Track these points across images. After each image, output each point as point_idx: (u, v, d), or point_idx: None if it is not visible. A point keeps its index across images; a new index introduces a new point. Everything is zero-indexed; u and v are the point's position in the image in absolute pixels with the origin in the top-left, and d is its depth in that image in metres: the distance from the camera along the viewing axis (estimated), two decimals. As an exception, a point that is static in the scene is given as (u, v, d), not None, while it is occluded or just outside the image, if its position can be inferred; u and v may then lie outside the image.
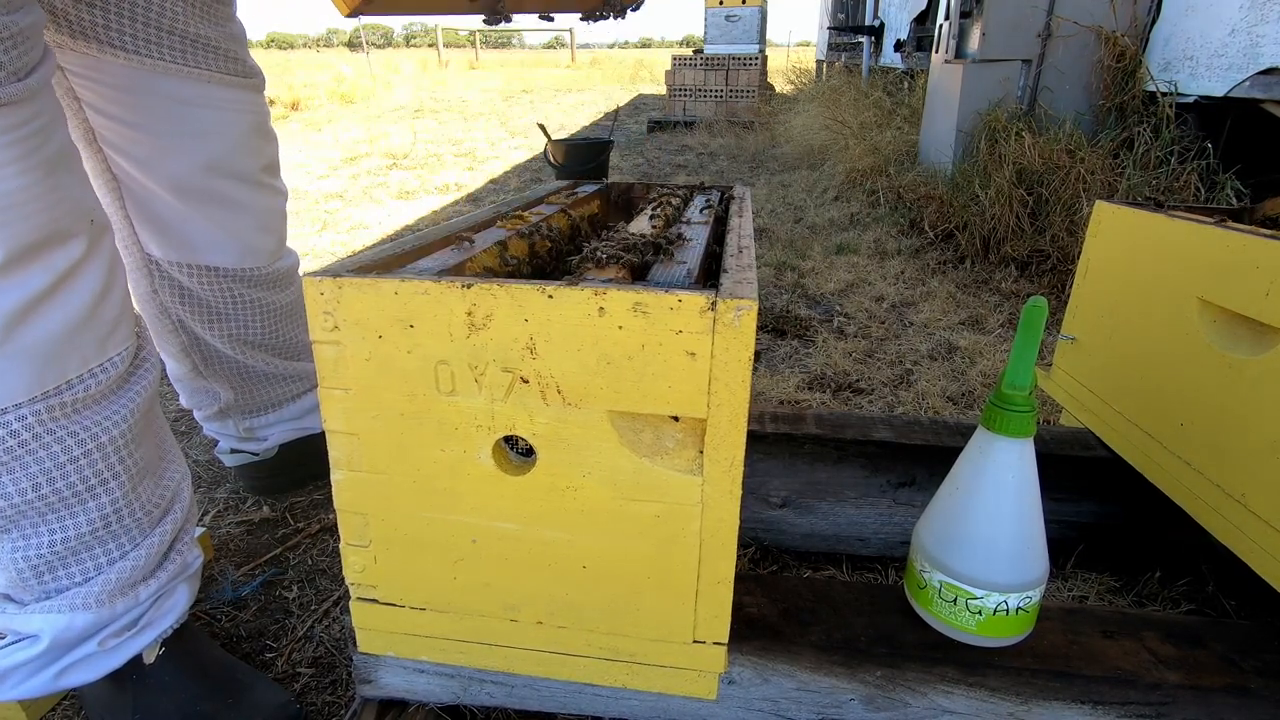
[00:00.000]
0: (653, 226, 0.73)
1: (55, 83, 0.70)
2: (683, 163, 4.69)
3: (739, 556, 0.74)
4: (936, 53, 3.08)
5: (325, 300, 0.49)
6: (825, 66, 7.81)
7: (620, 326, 0.47)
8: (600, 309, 0.46)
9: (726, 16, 6.93)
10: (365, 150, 5.08)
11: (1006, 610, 0.61)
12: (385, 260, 0.54)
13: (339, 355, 0.51)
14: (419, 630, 0.61)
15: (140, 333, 0.73)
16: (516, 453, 0.56)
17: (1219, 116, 2.15)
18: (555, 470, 0.52)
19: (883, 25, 5.60)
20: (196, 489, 1.23)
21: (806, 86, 7.72)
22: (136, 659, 0.73)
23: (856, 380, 1.59)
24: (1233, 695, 0.60)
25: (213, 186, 0.92)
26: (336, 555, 1.05)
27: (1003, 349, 1.72)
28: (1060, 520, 0.96)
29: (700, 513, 0.52)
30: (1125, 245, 0.90)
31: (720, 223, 0.80)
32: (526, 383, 0.49)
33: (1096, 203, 0.96)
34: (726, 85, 6.31)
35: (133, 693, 0.73)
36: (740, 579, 0.62)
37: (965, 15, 2.80)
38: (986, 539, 0.61)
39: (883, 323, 1.93)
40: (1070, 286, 1.02)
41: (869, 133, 3.83)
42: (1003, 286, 2.15)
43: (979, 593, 0.61)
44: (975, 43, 2.71)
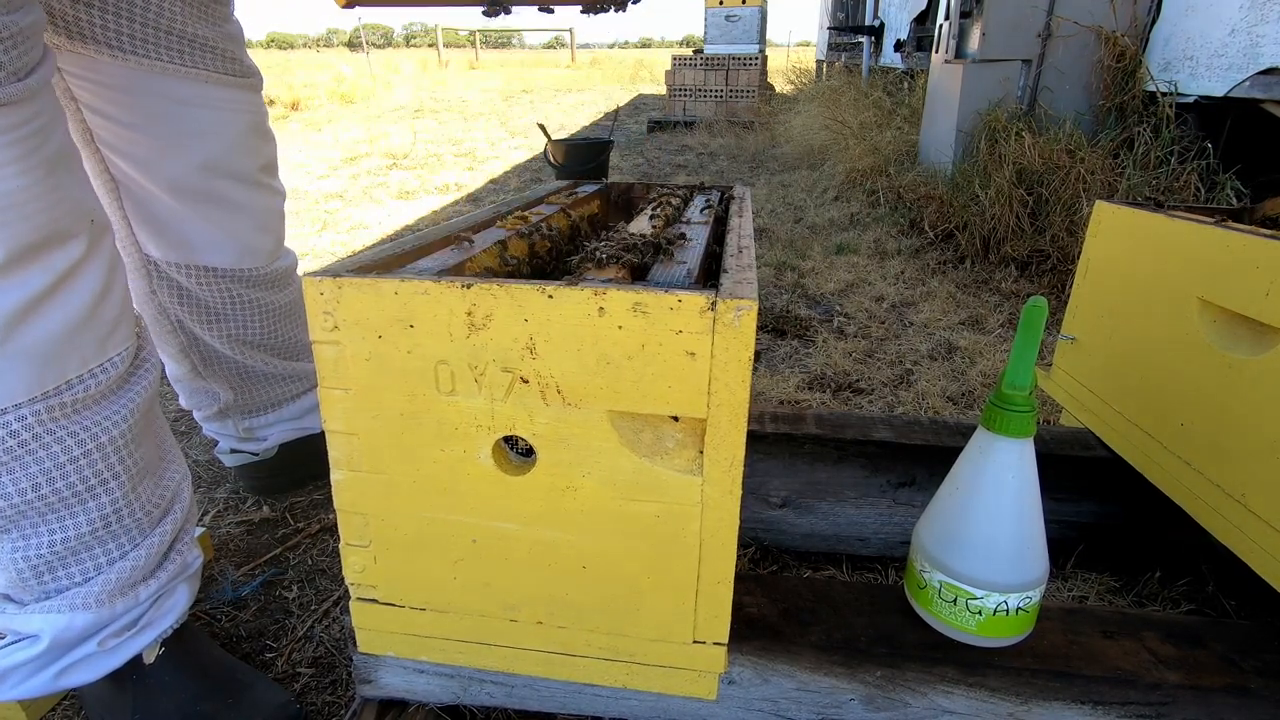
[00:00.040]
0: (653, 226, 0.73)
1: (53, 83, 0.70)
2: (683, 163, 4.69)
3: (739, 556, 0.74)
4: (936, 53, 3.08)
5: (325, 300, 0.49)
6: (825, 66, 7.81)
7: (620, 326, 0.47)
8: (600, 309, 0.46)
9: (726, 16, 6.93)
10: (365, 150, 5.08)
11: (1006, 610, 0.61)
12: (385, 260, 0.54)
13: (339, 355, 0.51)
14: (419, 630, 0.61)
15: (140, 333, 0.73)
16: (516, 453, 0.55)
17: (1219, 116, 2.15)
18: (555, 470, 0.52)
19: (883, 25, 5.60)
20: (196, 489, 1.23)
21: (806, 86, 7.72)
22: (136, 659, 0.73)
23: (856, 380, 1.59)
24: (1233, 695, 0.60)
25: (210, 187, 0.91)
26: (336, 555, 1.05)
27: (1003, 349, 1.72)
28: (1060, 520, 0.96)
29: (700, 513, 0.52)
30: (1125, 245, 0.90)
31: (720, 223, 0.80)
32: (526, 383, 0.49)
33: (1096, 203, 0.96)
34: (726, 85, 6.31)
35: (133, 693, 0.73)
36: (740, 579, 0.62)
37: (965, 15, 2.80)
38: (986, 539, 0.61)
39: (883, 323, 1.93)
40: (1070, 286, 1.02)
41: (869, 133, 3.83)
42: (1003, 286, 2.15)
43: (979, 593, 0.61)
44: (975, 43, 2.71)
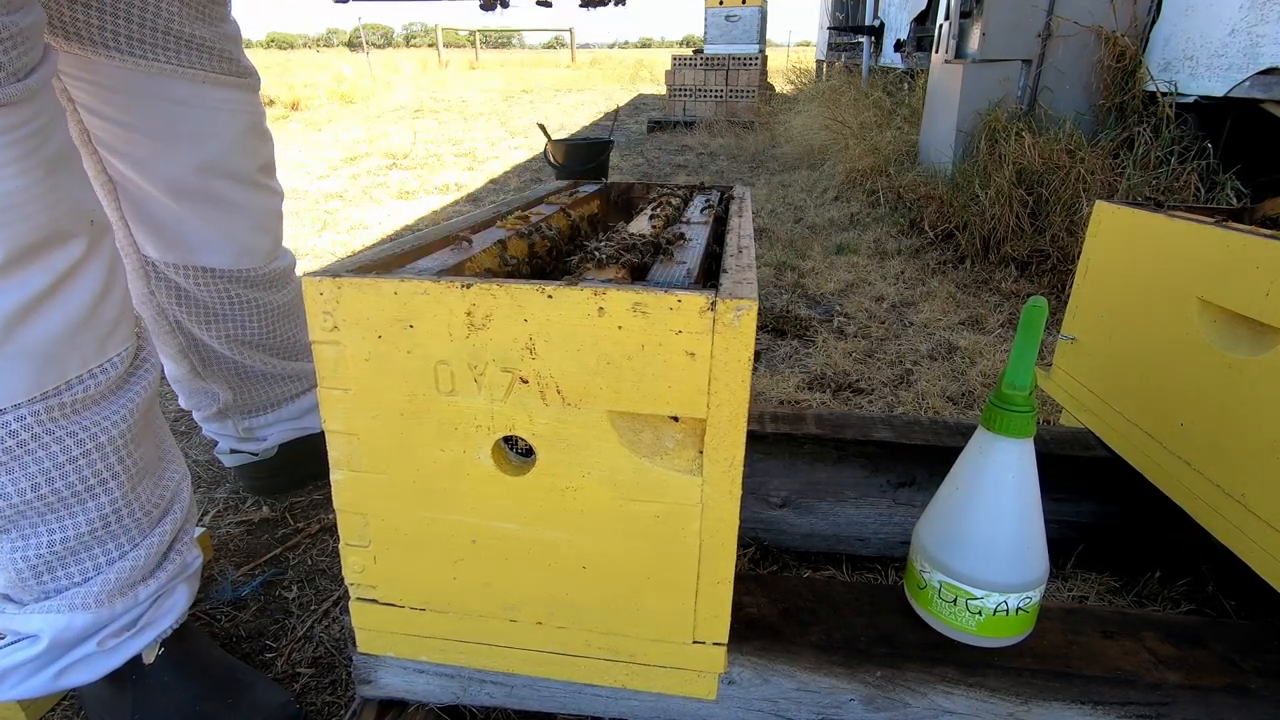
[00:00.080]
0: (652, 226, 0.73)
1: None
2: (683, 163, 4.69)
3: (739, 556, 0.74)
4: (936, 53, 3.08)
5: (325, 300, 0.49)
6: (825, 66, 7.81)
7: (620, 326, 0.47)
8: (600, 309, 0.46)
9: (726, 16, 6.93)
10: (365, 150, 5.08)
11: (1006, 610, 0.61)
12: (385, 260, 0.54)
13: (338, 355, 0.51)
14: (419, 630, 0.61)
15: (140, 333, 0.73)
16: (516, 453, 0.55)
17: (1219, 116, 2.15)
18: (555, 470, 0.52)
19: (883, 25, 5.60)
20: (196, 489, 1.23)
21: (806, 86, 7.72)
22: (136, 659, 0.73)
23: (856, 380, 1.59)
24: (1233, 695, 0.60)
25: (208, 187, 0.91)
26: (336, 555, 1.05)
27: (1003, 349, 1.72)
28: (1060, 520, 0.96)
29: (700, 513, 0.52)
30: (1125, 245, 0.90)
31: (720, 223, 0.80)
32: (526, 383, 0.49)
33: (1096, 203, 0.96)
34: (726, 85, 6.30)
35: (132, 693, 0.73)
36: (740, 579, 0.62)
37: (965, 15, 2.80)
38: (986, 539, 0.61)
39: (883, 323, 1.93)
40: (1070, 286, 1.02)
41: (869, 133, 3.83)
42: (1003, 286, 2.15)
43: (979, 593, 0.61)
44: (975, 43, 2.71)
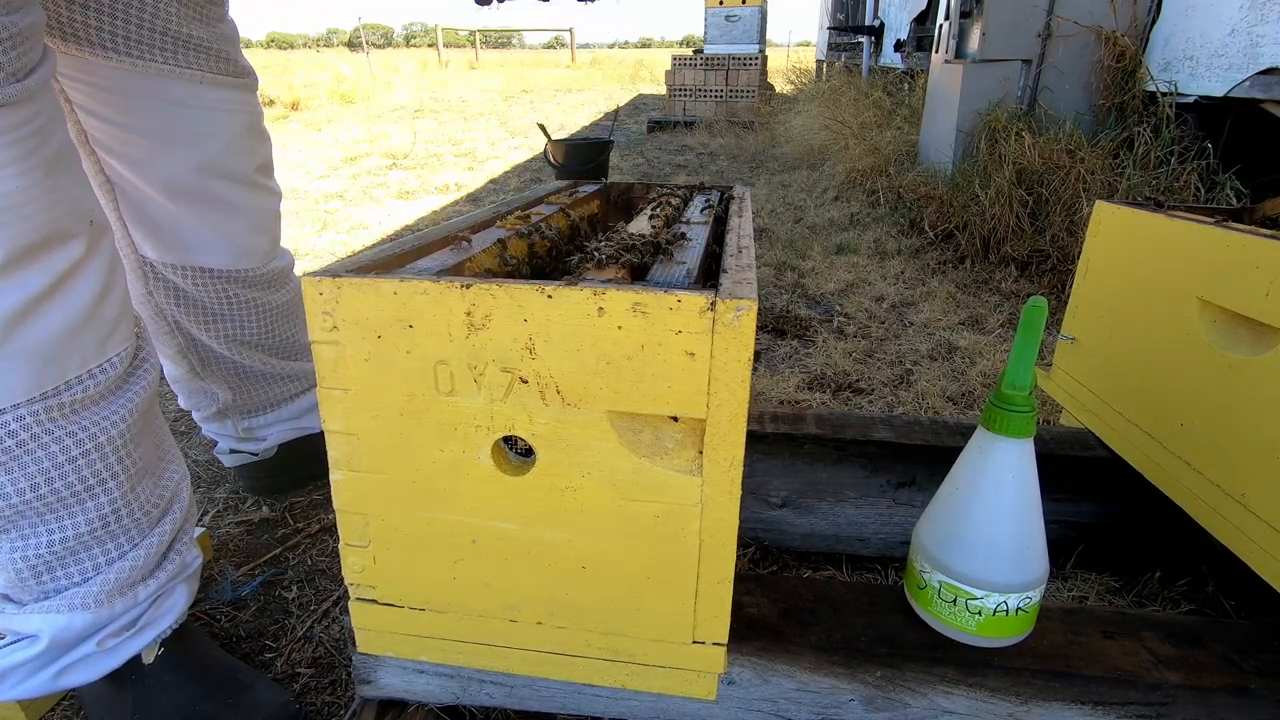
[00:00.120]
0: (652, 226, 0.73)
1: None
2: (683, 163, 4.69)
3: (739, 556, 0.74)
4: (936, 53, 3.08)
5: (324, 300, 0.49)
6: (825, 66, 7.81)
7: (620, 327, 0.47)
8: (600, 309, 0.46)
9: (726, 16, 6.93)
10: (365, 150, 5.08)
11: (1006, 610, 0.61)
12: (385, 260, 0.54)
13: (338, 355, 0.51)
14: (418, 630, 0.61)
15: (139, 333, 0.73)
16: (516, 453, 0.55)
17: (1219, 116, 2.15)
18: (555, 470, 0.52)
19: (883, 25, 5.60)
20: (196, 489, 1.23)
21: (806, 86, 7.72)
22: (136, 659, 0.73)
23: (856, 380, 1.59)
24: (1233, 695, 0.60)
25: (206, 187, 0.91)
26: (336, 555, 1.05)
27: (1003, 349, 1.72)
28: (1060, 520, 0.95)
29: (700, 513, 0.52)
30: (1125, 245, 0.90)
31: (720, 223, 0.80)
32: (526, 383, 0.49)
33: (1096, 203, 0.96)
34: (726, 85, 6.30)
35: (132, 693, 0.73)
36: (740, 579, 0.62)
37: (965, 15, 2.80)
38: (986, 539, 0.61)
39: (883, 323, 1.93)
40: (1070, 286, 1.02)
41: (869, 133, 3.83)
42: (1003, 286, 2.15)
43: (979, 593, 0.61)
44: (975, 43, 2.71)
